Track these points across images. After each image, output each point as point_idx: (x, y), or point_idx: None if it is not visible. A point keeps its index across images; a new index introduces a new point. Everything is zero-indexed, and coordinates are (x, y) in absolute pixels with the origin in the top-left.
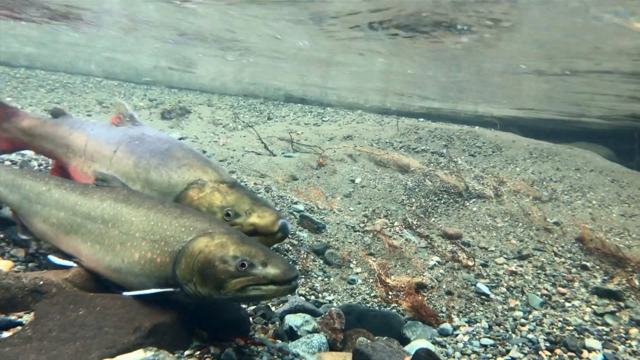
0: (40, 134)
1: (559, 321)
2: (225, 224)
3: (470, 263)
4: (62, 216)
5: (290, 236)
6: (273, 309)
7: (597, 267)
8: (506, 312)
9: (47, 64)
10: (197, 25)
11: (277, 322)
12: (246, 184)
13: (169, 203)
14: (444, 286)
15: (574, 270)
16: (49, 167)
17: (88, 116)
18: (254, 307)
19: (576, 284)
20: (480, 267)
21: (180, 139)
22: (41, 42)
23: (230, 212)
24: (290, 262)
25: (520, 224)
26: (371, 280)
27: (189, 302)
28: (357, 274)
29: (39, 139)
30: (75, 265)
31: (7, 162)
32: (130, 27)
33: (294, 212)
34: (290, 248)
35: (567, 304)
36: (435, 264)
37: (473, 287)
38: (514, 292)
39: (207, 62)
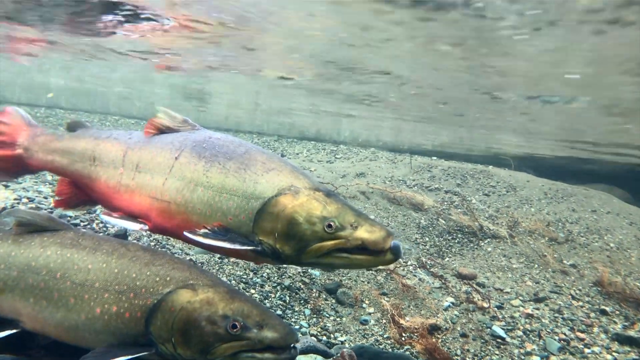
0: (56, 150)
1: None
2: (208, 273)
3: (486, 305)
4: None
5: (301, 274)
6: None
7: (617, 312)
8: (523, 357)
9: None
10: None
11: None
12: None
13: (134, 246)
14: (459, 328)
15: (592, 314)
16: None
17: None
18: None
19: (595, 330)
20: (496, 309)
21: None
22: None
23: (332, 224)
24: (289, 324)
25: (536, 266)
26: (384, 320)
27: None
28: (369, 314)
29: (54, 154)
30: (13, 330)
31: None
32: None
33: None
34: (302, 286)
35: (586, 350)
36: (449, 305)
37: (488, 329)
38: (531, 335)
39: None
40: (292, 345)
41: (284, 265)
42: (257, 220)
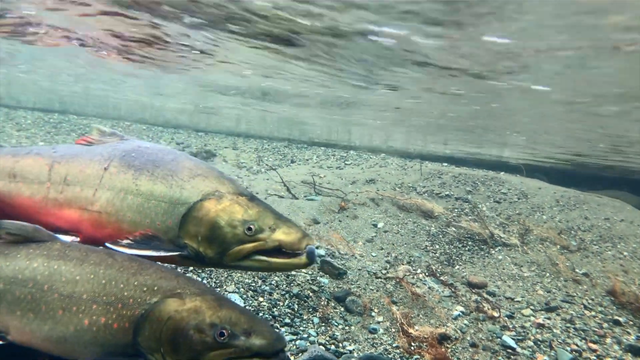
0: None
1: None
2: (196, 281)
3: (496, 314)
4: None
5: (310, 282)
6: (292, 358)
7: (631, 322)
8: None
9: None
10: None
11: None
12: None
13: (121, 256)
14: (468, 338)
15: (605, 325)
16: None
17: None
18: None
19: (608, 340)
20: (506, 318)
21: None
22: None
23: (252, 227)
24: (277, 330)
25: (548, 274)
26: (393, 329)
27: None
28: (378, 322)
29: None
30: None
31: None
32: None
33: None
34: (311, 294)
35: None
36: (459, 314)
37: (498, 339)
38: (542, 346)
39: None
40: (280, 351)
41: (293, 273)
42: (182, 224)
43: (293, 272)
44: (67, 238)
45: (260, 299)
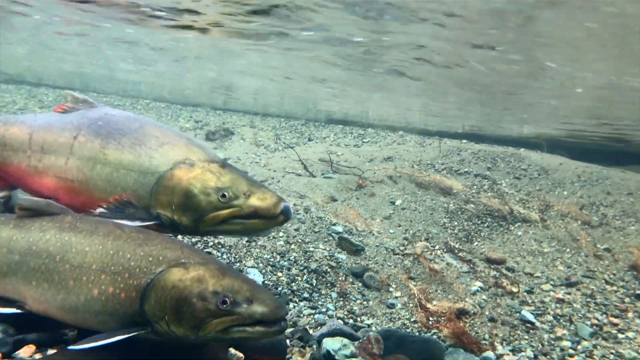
0: None
1: (611, 353)
2: (200, 252)
3: (515, 289)
4: None
5: (328, 258)
6: (310, 331)
7: None
8: (553, 342)
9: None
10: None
11: (315, 346)
12: None
13: (129, 228)
14: (487, 313)
15: (627, 299)
16: None
17: None
18: (291, 329)
19: (630, 315)
20: (525, 293)
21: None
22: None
23: (226, 194)
24: (278, 297)
25: (568, 250)
26: (411, 304)
27: (162, 342)
28: (396, 298)
29: None
30: (18, 310)
31: None
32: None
33: (333, 234)
34: (329, 270)
35: (620, 335)
36: (477, 290)
37: (517, 314)
38: (562, 320)
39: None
40: (281, 319)
41: (311, 249)
42: (154, 194)
43: (311, 249)
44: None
45: (279, 274)
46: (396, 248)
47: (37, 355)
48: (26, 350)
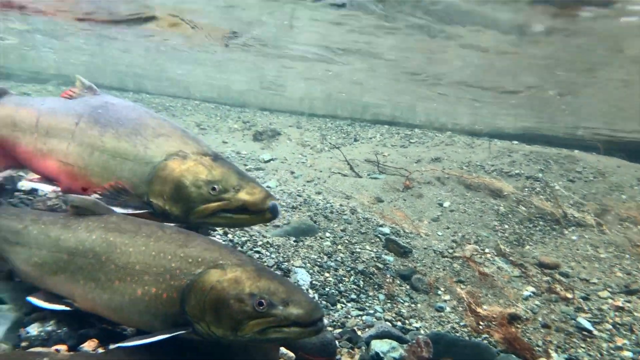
0: None
1: None
2: (238, 253)
3: (569, 295)
4: (45, 255)
5: (375, 259)
6: (359, 333)
7: None
8: (612, 351)
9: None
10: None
11: (363, 347)
12: (332, 205)
13: (170, 228)
14: (540, 319)
15: None
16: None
17: None
18: (340, 330)
19: None
20: (581, 300)
21: (270, 159)
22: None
23: (216, 187)
24: (313, 299)
25: (627, 256)
26: (460, 308)
27: (203, 343)
28: (445, 301)
29: None
30: (67, 308)
31: None
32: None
33: (380, 235)
34: (376, 271)
35: None
36: (530, 295)
37: (573, 321)
38: (622, 329)
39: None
40: (317, 320)
41: (358, 250)
42: (148, 183)
43: (357, 250)
44: (49, 188)
45: (327, 274)
46: (445, 251)
47: (100, 349)
48: (90, 344)
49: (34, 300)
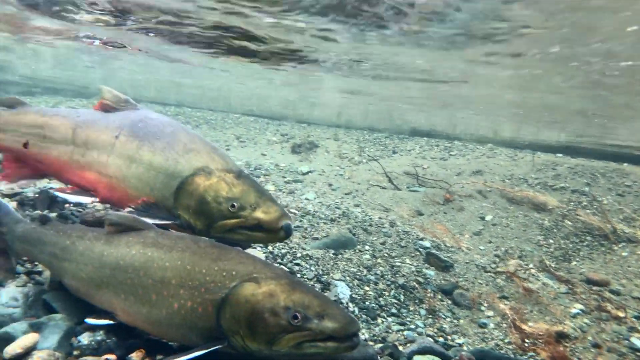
0: None
1: None
2: (272, 266)
3: (621, 314)
4: (90, 270)
5: (415, 273)
6: (400, 348)
7: None
8: None
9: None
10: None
11: None
12: (370, 218)
13: (204, 242)
14: (590, 338)
15: None
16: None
17: (227, 150)
18: (381, 344)
19: None
20: (634, 319)
21: (308, 172)
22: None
23: (235, 204)
24: (349, 313)
25: None
26: (504, 325)
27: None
28: (488, 317)
29: None
30: (111, 322)
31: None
32: None
33: (420, 249)
34: (417, 286)
35: None
36: (578, 312)
37: (626, 341)
38: None
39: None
40: (353, 334)
41: (398, 264)
42: (176, 196)
43: (397, 263)
44: (88, 199)
45: (366, 287)
46: (487, 265)
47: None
48: (137, 355)
49: (88, 319)
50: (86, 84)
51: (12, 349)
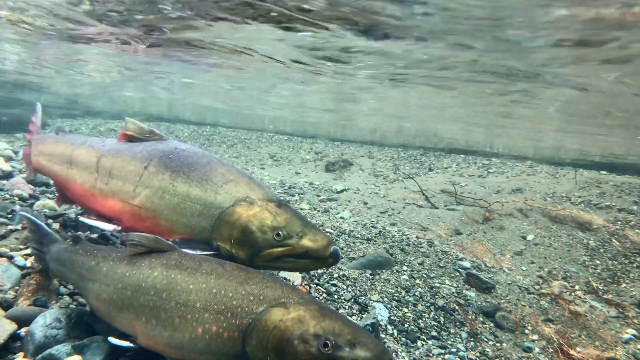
0: (41, 151)
1: None
2: (299, 291)
3: None
4: (112, 291)
5: (455, 295)
6: None
7: None
8: None
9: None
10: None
11: None
12: (408, 237)
13: (230, 265)
14: None
15: None
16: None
17: (262, 169)
18: None
19: None
20: None
21: (342, 190)
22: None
23: (281, 233)
24: (382, 341)
25: None
26: (550, 349)
27: None
28: (533, 341)
29: (37, 157)
30: (131, 345)
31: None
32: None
33: (460, 269)
34: (457, 307)
35: None
36: (630, 338)
37: None
38: None
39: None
40: None
41: (437, 285)
42: (216, 227)
43: (437, 284)
44: (110, 227)
45: (405, 309)
46: (530, 287)
47: None
48: None
49: (111, 339)
50: (125, 107)
51: None
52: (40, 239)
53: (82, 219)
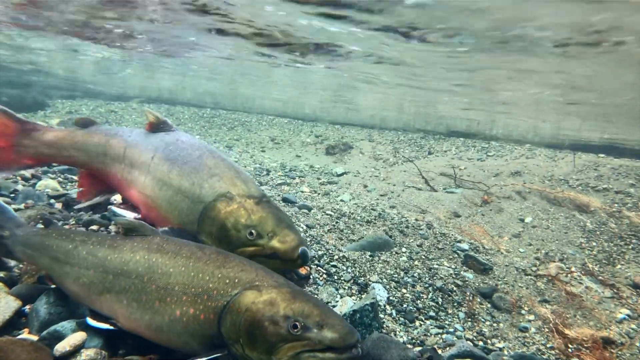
0: (70, 145)
1: None
2: (275, 275)
3: None
4: (92, 274)
5: (454, 276)
6: (439, 351)
7: None
8: None
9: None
10: None
11: None
12: (407, 220)
13: (209, 249)
14: (638, 344)
15: None
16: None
17: (262, 152)
18: (420, 348)
19: None
20: None
21: (343, 173)
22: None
23: (253, 232)
24: (349, 323)
25: None
26: (546, 329)
27: None
28: (529, 321)
29: (68, 149)
30: (111, 327)
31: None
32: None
33: (458, 251)
34: (455, 288)
35: None
36: (624, 318)
37: None
38: None
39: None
40: (353, 345)
41: (435, 266)
42: (200, 221)
43: (435, 266)
44: (132, 215)
45: (404, 290)
46: (527, 268)
47: None
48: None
49: (90, 320)
50: (124, 88)
51: (62, 346)
52: (1, 223)
53: (113, 209)
